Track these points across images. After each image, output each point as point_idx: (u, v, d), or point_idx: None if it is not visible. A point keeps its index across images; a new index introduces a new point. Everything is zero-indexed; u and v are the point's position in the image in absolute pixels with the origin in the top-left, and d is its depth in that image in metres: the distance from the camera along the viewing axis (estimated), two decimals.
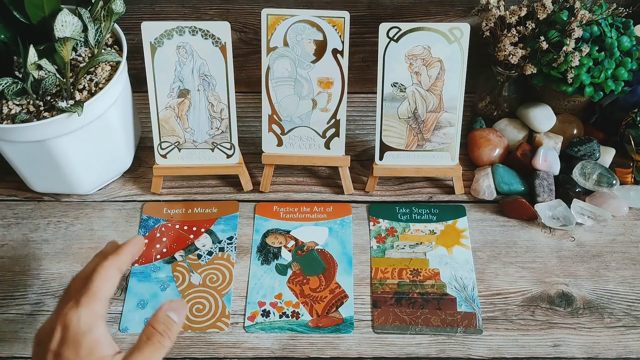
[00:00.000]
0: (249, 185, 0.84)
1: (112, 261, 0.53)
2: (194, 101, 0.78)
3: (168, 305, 0.51)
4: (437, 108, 0.78)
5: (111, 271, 0.52)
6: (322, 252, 0.77)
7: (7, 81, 0.68)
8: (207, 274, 0.75)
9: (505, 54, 0.79)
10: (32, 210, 0.82)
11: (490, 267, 0.76)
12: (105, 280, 0.51)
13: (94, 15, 0.72)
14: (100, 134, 0.76)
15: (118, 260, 0.54)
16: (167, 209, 0.82)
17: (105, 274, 0.52)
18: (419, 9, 0.88)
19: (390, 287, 0.74)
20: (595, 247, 0.78)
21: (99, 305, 0.50)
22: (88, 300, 0.50)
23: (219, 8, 0.88)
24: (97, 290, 0.50)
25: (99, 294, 0.50)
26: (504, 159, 0.86)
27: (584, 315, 0.71)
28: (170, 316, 0.51)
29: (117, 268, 0.53)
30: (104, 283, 0.51)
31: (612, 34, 0.80)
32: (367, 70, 0.94)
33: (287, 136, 0.81)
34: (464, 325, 0.70)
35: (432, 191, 0.84)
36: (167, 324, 0.50)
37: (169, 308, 0.51)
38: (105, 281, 0.51)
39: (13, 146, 0.73)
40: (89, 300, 0.50)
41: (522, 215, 0.80)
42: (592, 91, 0.80)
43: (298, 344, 0.69)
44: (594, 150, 0.83)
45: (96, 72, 0.75)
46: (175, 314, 0.51)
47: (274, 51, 0.77)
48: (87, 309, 0.49)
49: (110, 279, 0.52)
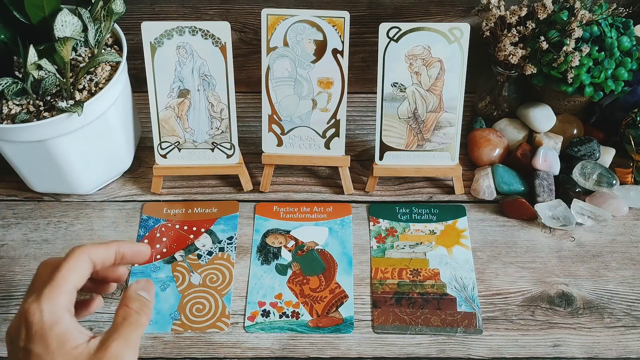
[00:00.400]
0: (249, 185, 0.84)
1: (84, 249, 0.49)
2: (194, 101, 0.78)
3: (136, 285, 0.50)
4: (437, 108, 0.78)
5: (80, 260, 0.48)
6: (322, 252, 0.77)
7: (7, 81, 0.68)
8: (207, 274, 0.75)
9: (505, 54, 0.79)
10: (32, 210, 0.82)
11: (490, 267, 0.76)
12: (72, 269, 0.47)
13: (94, 15, 0.72)
14: (100, 134, 0.76)
15: (92, 250, 0.49)
16: (167, 209, 0.82)
17: (74, 263, 0.48)
18: (419, 9, 0.88)
19: (390, 287, 0.74)
20: (595, 247, 0.78)
21: (63, 298, 0.46)
22: (51, 293, 0.46)
23: (219, 8, 0.88)
24: (61, 282, 0.46)
25: (63, 285, 0.46)
26: (504, 159, 0.86)
27: (584, 315, 0.71)
28: (141, 294, 0.49)
29: (90, 258, 0.49)
30: (70, 273, 0.47)
31: (612, 34, 0.80)
32: (367, 70, 0.94)
33: (287, 136, 0.81)
34: (464, 325, 0.70)
35: (432, 191, 0.84)
36: (141, 302, 0.49)
37: (137, 288, 0.50)
38: (71, 271, 0.47)
39: (13, 146, 0.73)
40: (51, 293, 0.46)
41: (522, 215, 0.80)
42: (592, 91, 0.80)
43: (298, 344, 0.69)
44: (594, 150, 0.83)
45: (96, 72, 0.75)
46: (146, 292, 0.50)
47: (274, 51, 0.77)
48: (49, 302, 0.45)
49: (78, 268, 0.48)
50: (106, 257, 0.50)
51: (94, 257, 0.49)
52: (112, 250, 0.51)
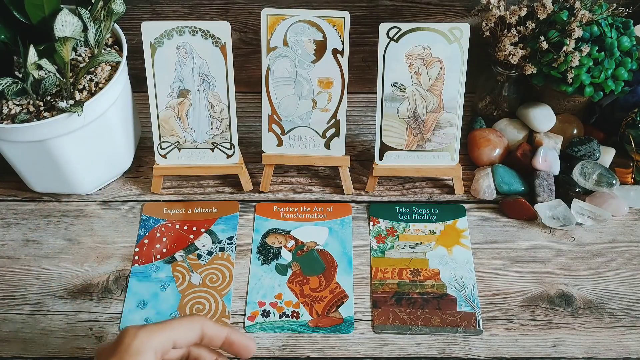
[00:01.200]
0: (249, 185, 0.84)
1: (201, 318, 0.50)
2: (194, 101, 0.78)
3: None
4: (437, 108, 0.78)
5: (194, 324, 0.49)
6: (322, 252, 0.77)
7: (7, 81, 0.68)
8: (207, 274, 0.75)
9: (505, 54, 0.79)
10: (32, 210, 0.82)
11: (490, 267, 0.76)
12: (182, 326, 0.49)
13: (94, 15, 0.72)
14: (100, 134, 0.76)
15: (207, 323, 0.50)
16: (167, 209, 0.82)
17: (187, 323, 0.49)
18: (419, 9, 0.88)
19: (390, 287, 0.74)
20: (595, 247, 0.78)
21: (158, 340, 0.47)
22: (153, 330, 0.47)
23: (219, 8, 0.88)
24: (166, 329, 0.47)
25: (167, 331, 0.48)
26: (504, 159, 0.86)
27: (584, 315, 0.71)
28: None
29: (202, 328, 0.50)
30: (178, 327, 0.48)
31: (612, 34, 0.80)
32: (367, 70, 0.94)
33: (287, 136, 0.81)
34: (464, 325, 0.70)
35: (432, 191, 0.84)
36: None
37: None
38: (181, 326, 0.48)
39: (13, 146, 0.73)
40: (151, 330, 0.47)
41: (522, 215, 0.80)
42: (592, 91, 0.80)
43: (298, 344, 0.69)
44: (594, 150, 0.83)
45: (96, 72, 0.75)
46: None
47: (274, 51, 0.77)
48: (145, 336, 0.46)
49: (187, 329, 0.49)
50: (216, 336, 0.51)
51: (207, 330, 0.50)
52: (224, 332, 0.51)
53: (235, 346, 0.52)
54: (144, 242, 0.78)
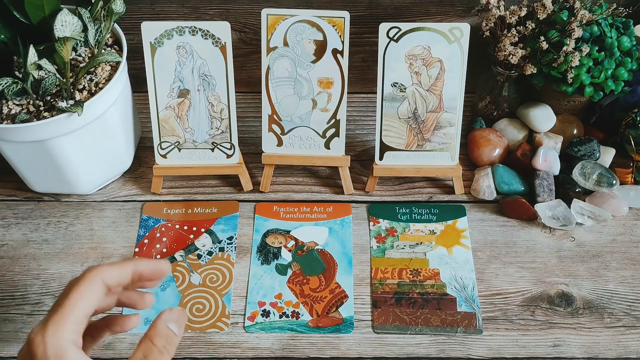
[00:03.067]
0: (249, 185, 0.84)
1: (97, 271, 0.45)
2: (194, 101, 0.78)
3: (168, 315, 0.45)
4: (437, 108, 0.78)
5: (92, 283, 0.44)
6: (322, 252, 0.77)
7: (7, 81, 0.68)
8: (207, 274, 0.75)
9: (505, 54, 0.79)
10: (32, 210, 0.82)
11: (490, 267, 0.76)
12: (82, 295, 0.44)
13: (94, 15, 0.72)
14: (100, 134, 0.76)
15: (106, 271, 0.45)
16: (167, 209, 0.82)
17: (84, 287, 0.44)
18: (419, 9, 0.88)
19: (390, 287, 0.74)
20: (595, 247, 0.78)
21: (69, 329, 0.42)
22: (56, 324, 0.42)
23: (219, 8, 0.88)
24: (68, 311, 0.43)
25: (69, 315, 0.43)
26: (504, 159, 0.86)
27: (584, 315, 0.71)
28: (170, 328, 0.45)
29: (103, 280, 0.45)
30: (79, 299, 0.43)
31: (612, 34, 0.80)
32: (367, 70, 0.94)
33: (287, 136, 0.81)
34: (464, 325, 0.70)
35: (432, 191, 0.84)
36: (167, 339, 0.45)
37: (169, 318, 0.45)
38: (81, 296, 0.44)
39: (13, 146, 0.73)
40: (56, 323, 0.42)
41: (522, 215, 0.80)
42: (592, 91, 0.80)
43: (298, 344, 0.69)
44: (594, 150, 0.83)
45: (96, 72, 0.75)
46: (176, 325, 0.45)
47: (274, 51, 0.77)
48: (53, 335, 0.42)
49: (89, 293, 0.44)
50: (122, 278, 0.47)
51: (108, 279, 0.46)
52: (128, 269, 0.47)
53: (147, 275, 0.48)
54: (144, 242, 0.78)
